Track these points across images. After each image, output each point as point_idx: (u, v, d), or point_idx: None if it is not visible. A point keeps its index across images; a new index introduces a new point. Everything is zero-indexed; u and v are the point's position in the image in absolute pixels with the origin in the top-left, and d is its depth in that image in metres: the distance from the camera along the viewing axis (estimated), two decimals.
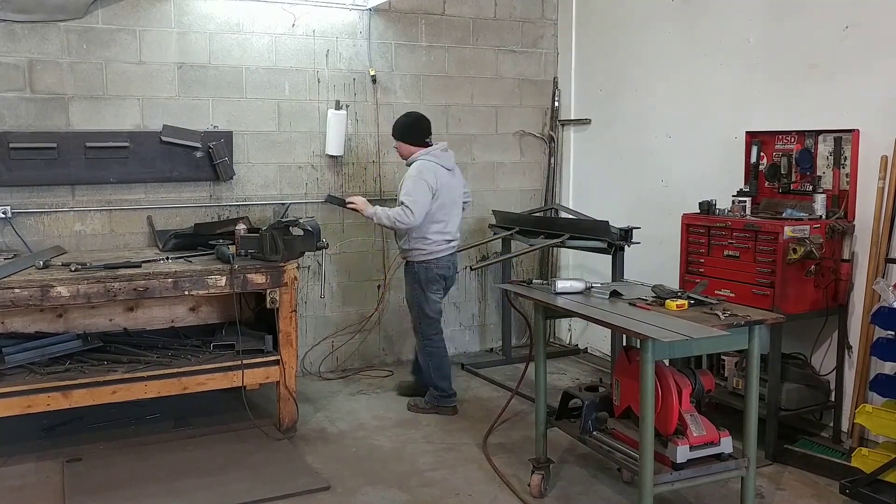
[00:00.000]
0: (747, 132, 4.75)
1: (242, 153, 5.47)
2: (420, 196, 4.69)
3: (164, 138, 5.16)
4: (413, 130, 4.89)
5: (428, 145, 4.87)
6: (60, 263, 4.31)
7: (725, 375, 4.53)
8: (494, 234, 6.00)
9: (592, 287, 3.80)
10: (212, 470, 4.12)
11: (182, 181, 5.26)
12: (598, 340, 6.31)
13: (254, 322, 4.98)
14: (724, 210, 4.57)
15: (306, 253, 4.76)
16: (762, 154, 4.68)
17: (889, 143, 4.04)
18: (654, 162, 5.65)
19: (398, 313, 6.14)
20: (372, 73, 5.81)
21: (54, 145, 4.84)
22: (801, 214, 4.25)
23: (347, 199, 4.96)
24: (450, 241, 4.91)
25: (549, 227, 5.53)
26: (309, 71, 5.64)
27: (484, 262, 5.89)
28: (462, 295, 6.32)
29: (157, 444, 4.43)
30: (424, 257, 4.85)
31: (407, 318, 6.17)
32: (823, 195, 4.28)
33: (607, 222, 5.08)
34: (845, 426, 4.30)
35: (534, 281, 4.10)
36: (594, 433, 3.58)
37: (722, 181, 4.86)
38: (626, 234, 5.01)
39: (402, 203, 4.67)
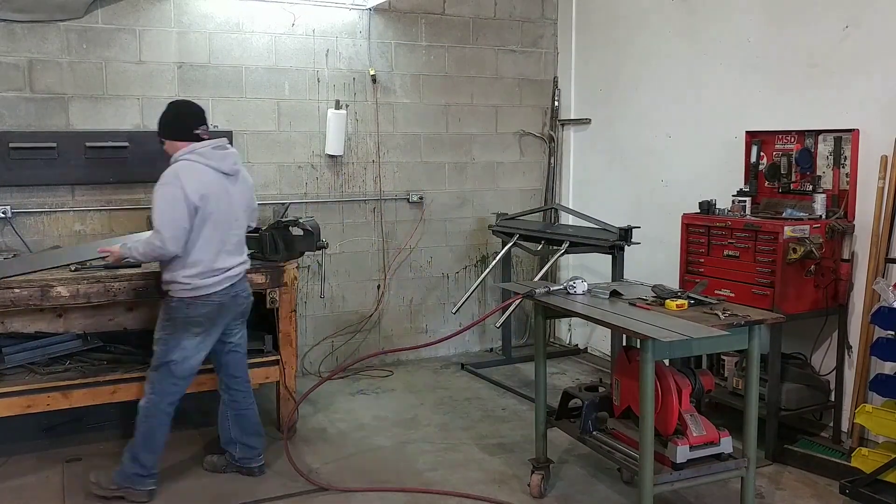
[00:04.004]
0: (747, 132, 4.74)
1: (242, 153, 5.45)
2: (171, 212, 3.55)
3: None
4: (175, 123, 3.79)
5: (200, 139, 3.74)
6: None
7: (725, 375, 4.53)
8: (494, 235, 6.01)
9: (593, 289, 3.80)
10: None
11: None
12: (598, 340, 6.31)
13: (254, 322, 4.97)
14: (723, 210, 4.57)
15: (306, 253, 4.75)
16: (762, 154, 4.68)
17: (889, 142, 4.04)
18: (654, 162, 5.65)
19: (398, 313, 6.14)
20: (372, 72, 5.81)
21: (54, 145, 4.83)
22: (801, 214, 4.25)
23: (100, 251, 3.91)
24: (226, 269, 3.72)
25: (549, 233, 5.54)
26: (309, 70, 5.64)
27: (464, 299, 5.66)
28: (462, 295, 6.31)
29: None
30: (186, 293, 3.66)
31: (407, 317, 6.21)
32: (823, 195, 4.28)
33: (606, 227, 5.08)
34: (845, 426, 4.30)
35: (537, 288, 4.08)
36: (594, 433, 3.58)
37: (722, 181, 4.86)
38: (626, 234, 5.00)
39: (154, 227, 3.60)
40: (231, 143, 5.32)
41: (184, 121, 3.78)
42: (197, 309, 3.67)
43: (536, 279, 5.63)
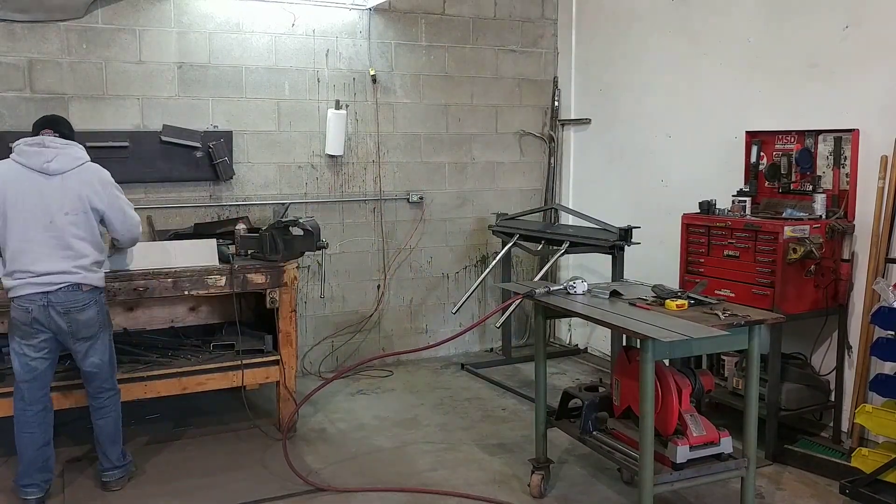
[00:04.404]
0: (747, 132, 4.74)
1: (242, 153, 5.47)
2: None
3: (163, 138, 5.16)
4: (32, 131, 3.76)
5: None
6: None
7: (725, 375, 4.53)
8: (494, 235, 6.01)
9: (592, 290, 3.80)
10: (212, 470, 4.12)
11: (182, 181, 5.26)
12: (598, 340, 6.31)
13: (254, 322, 4.98)
14: (724, 210, 4.57)
15: (306, 253, 4.75)
16: (762, 154, 4.68)
17: (889, 142, 4.04)
18: (654, 162, 5.65)
19: (398, 313, 6.14)
20: (372, 72, 5.81)
21: None
22: (801, 214, 4.25)
23: None
24: (35, 275, 3.50)
25: (549, 233, 5.54)
26: (309, 70, 5.64)
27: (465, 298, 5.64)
28: (462, 295, 6.31)
29: (157, 444, 4.43)
30: (8, 293, 3.58)
31: (407, 317, 6.21)
32: (823, 195, 4.28)
33: (606, 227, 5.08)
34: (845, 426, 4.30)
35: (537, 288, 4.08)
36: (594, 433, 3.58)
37: (722, 181, 4.86)
38: (626, 234, 5.00)
39: None
40: (231, 142, 5.37)
41: (32, 128, 3.75)
42: (13, 311, 3.58)
43: (536, 279, 5.63)
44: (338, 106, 5.69)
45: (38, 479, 3.68)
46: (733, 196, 4.58)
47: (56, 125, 3.75)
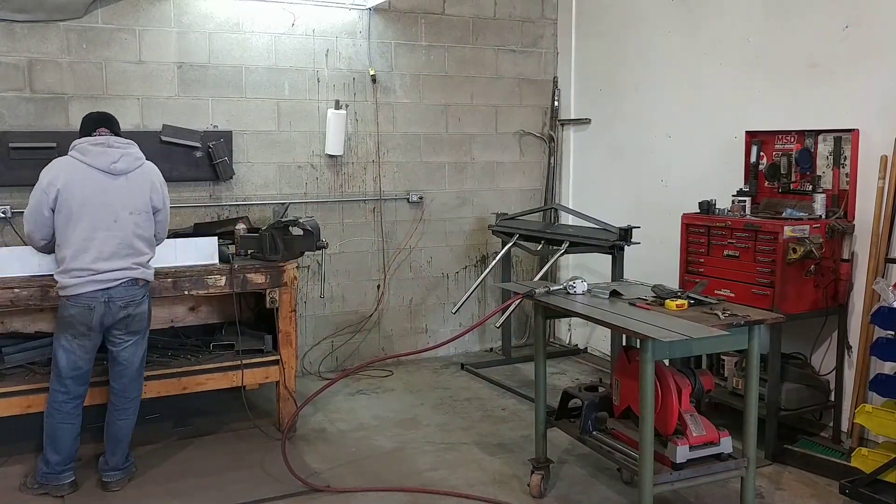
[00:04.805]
0: (747, 132, 4.74)
1: (242, 153, 5.47)
2: (30, 205, 3.64)
3: (163, 138, 5.16)
4: (82, 127, 3.83)
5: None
6: None
7: (725, 375, 4.53)
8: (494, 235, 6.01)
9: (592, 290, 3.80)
10: (212, 470, 4.12)
11: (182, 181, 5.26)
12: (598, 340, 6.31)
13: (253, 322, 4.98)
14: (723, 210, 4.57)
15: (306, 253, 4.75)
16: (762, 154, 4.68)
17: (889, 142, 4.04)
18: (654, 162, 5.65)
19: (398, 313, 6.14)
20: (372, 72, 5.81)
21: (54, 145, 4.82)
22: (801, 214, 4.25)
23: None
24: (94, 273, 3.60)
25: (549, 233, 5.54)
26: (309, 70, 5.64)
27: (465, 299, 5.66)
28: (462, 295, 6.32)
29: (157, 444, 4.43)
30: (62, 291, 3.67)
31: (407, 317, 6.21)
32: (823, 195, 4.28)
33: (606, 227, 5.08)
34: (845, 426, 4.30)
35: (537, 288, 4.08)
36: (594, 433, 3.58)
37: (722, 181, 4.86)
38: (626, 234, 5.00)
39: None
40: (231, 142, 5.36)
41: (86, 123, 3.82)
42: (68, 309, 3.65)
43: (536, 279, 5.63)
44: (338, 106, 5.69)
45: (69, 464, 3.83)
46: (733, 196, 4.58)
47: (110, 124, 3.82)
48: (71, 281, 3.61)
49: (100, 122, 3.80)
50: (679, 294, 3.58)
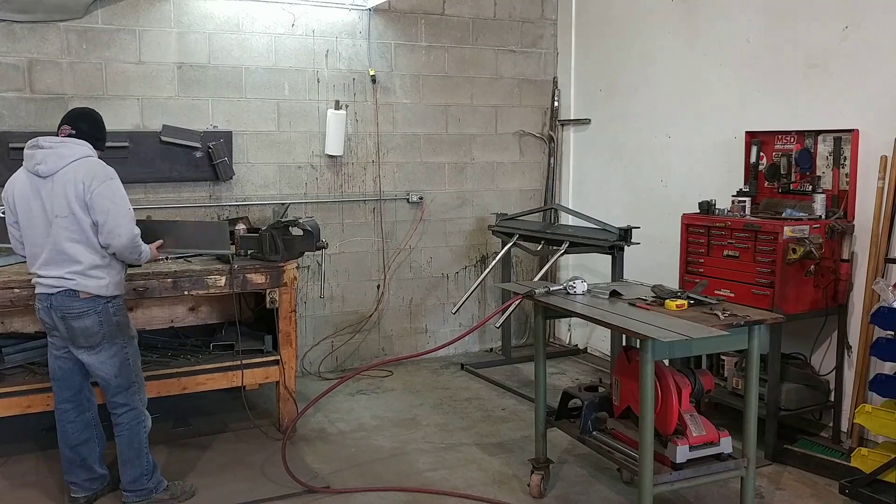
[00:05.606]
0: (747, 132, 4.75)
1: (242, 153, 5.47)
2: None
3: (163, 138, 5.16)
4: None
5: None
6: None
7: (725, 375, 4.53)
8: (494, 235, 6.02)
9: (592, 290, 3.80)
10: (212, 470, 4.12)
11: (182, 181, 5.26)
12: (598, 340, 6.31)
13: (253, 322, 4.98)
14: (723, 210, 4.57)
15: (306, 253, 4.75)
16: (762, 154, 4.68)
17: (889, 143, 4.04)
18: (654, 162, 5.65)
19: (398, 313, 6.14)
20: (371, 72, 5.81)
21: None
22: (801, 214, 4.25)
23: None
24: (38, 278, 3.48)
25: (549, 233, 5.54)
26: (308, 71, 5.64)
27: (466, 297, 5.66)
28: (461, 295, 6.32)
29: (156, 444, 4.42)
30: None
31: (407, 317, 6.21)
32: (823, 195, 4.29)
33: (606, 228, 5.08)
34: (845, 426, 4.30)
35: (537, 289, 4.07)
36: (594, 433, 3.59)
37: (722, 181, 4.86)
38: (626, 234, 5.01)
39: None
40: (231, 143, 5.36)
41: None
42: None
43: (536, 279, 5.63)
44: (337, 106, 5.69)
45: (79, 477, 3.69)
46: (733, 196, 4.58)
47: (75, 120, 3.55)
48: (33, 282, 3.55)
49: (64, 120, 3.55)
50: (679, 294, 3.58)
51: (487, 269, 5.80)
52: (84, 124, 3.57)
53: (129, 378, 3.64)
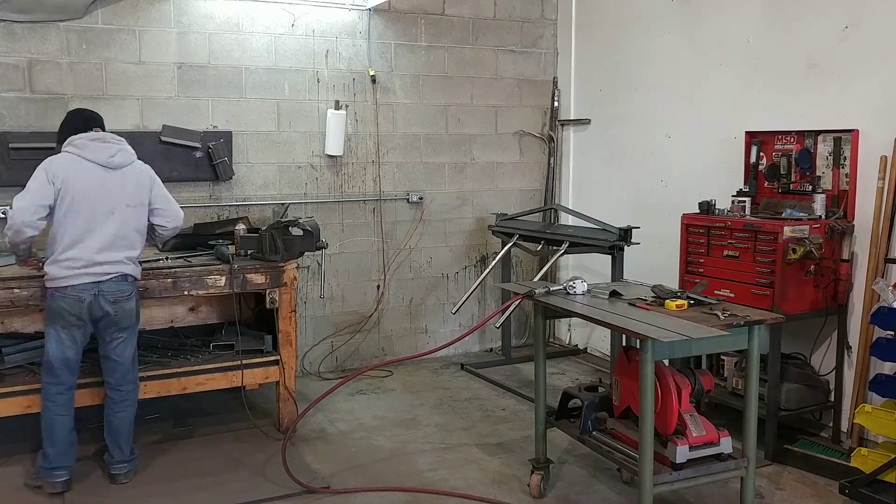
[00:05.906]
0: (747, 132, 4.75)
1: (242, 153, 5.47)
2: (30, 188, 3.64)
3: (163, 138, 5.16)
4: (63, 129, 3.89)
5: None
6: None
7: (725, 375, 4.53)
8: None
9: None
10: (211, 470, 4.12)
11: (181, 181, 5.26)
12: (598, 340, 6.31)
13: (253, 322, 4.98)
14: (723, 210, 4.57)
15: (306, 253, 4.75)
16: (762, 154, 4.68)
17: (889, 143, 4.04)
18: (654, 162, 5.65)
19: (398, 313, 6.14)
20: (371, 73, 5.81)
21: (54, 145, 4.79)
22: (801, 214, 4.25)
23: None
24: (87, 265, 3.65)
25: (549, 233, 5.54)
26: (308, 71, 5.64)
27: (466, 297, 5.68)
28: (461, 295, 6.32)
29: (156, 444, 4.43)
30: (51, 283, 3.68)
31: (407, 317, 6.21)
32: (823, 195, 4.29)
33: (606, 228, 5.08)
34: (845, 426, 4.30)
35: (536, 289, 4.08)
36: (594, 433, 3.59)
37: (722, 181, 4.86)
38: (626, 234, 5.01)
39: None
40: (231, 143, 5.37)
41: (70, 124, 3.89)
42: (57, 301, 3.68)
43: (536, 279, 5.63)
44: (337, 106, 5.69)
45: (65, 462, 3.82)
46: (733, 196, 4.58)
47: (102, 123, 3.96)
48: (62, 272, 3.64)
49: (94, 121, 3.91)
50: (679, 294, 3.58)
51: (487, 270, 5.80)
52: (104, 126, 3.98)
53: (136, 355, 4.03)
